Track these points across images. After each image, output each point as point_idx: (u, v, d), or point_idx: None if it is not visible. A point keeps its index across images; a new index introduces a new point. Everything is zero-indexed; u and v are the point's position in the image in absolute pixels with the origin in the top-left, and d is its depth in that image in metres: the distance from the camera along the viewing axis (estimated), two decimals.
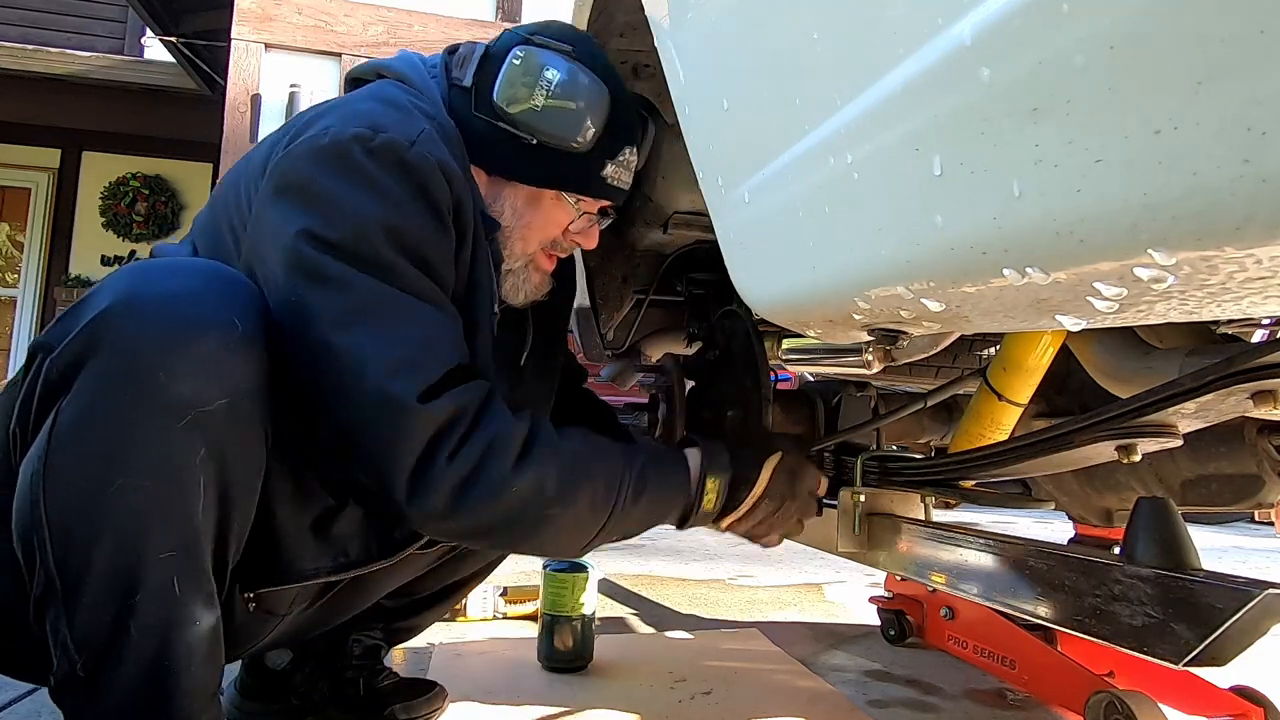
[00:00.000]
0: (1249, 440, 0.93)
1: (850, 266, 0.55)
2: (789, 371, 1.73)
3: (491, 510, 0.80)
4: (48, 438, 0.67)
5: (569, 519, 0.85)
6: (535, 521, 0.83)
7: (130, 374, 0.68)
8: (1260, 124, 0.28)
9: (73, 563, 0.67)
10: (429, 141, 0.85)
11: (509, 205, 0.99)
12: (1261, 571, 3.23)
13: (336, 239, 0.78)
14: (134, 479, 0.67)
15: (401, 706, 1.19)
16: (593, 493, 0.86)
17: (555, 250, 1.05)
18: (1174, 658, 0.63)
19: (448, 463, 0.77)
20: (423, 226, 0.82)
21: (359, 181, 0.80)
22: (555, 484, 0.83)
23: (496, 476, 0.80)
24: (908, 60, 0.43)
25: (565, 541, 0.88)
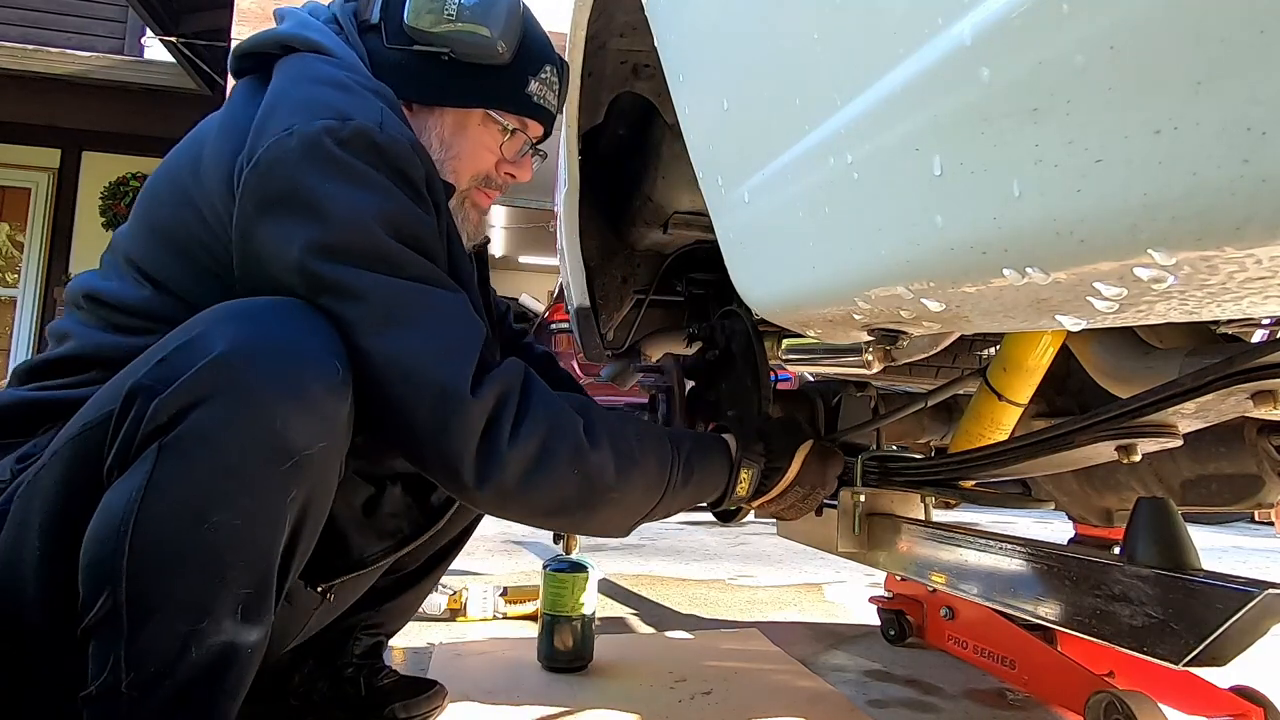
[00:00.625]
0: (1249, 440, 0.93)
1: (850, 266, 0.55)
2: (789, 371, 1.73)
3: (558, 490, 0.83)
4: (150, 472, 0.68)
5: (628, 500, 0.89)
6: (598, 502, 0.86)
7: (245, 420, 0.69)
8: (1260, 124, 0.28)
9: (150, 590, 0.67)
10: (393, 122, 0.84)
11: (435, 136, 0.98)
12: (1261, 571, 3.24)
13: (341, 244, 0.77)
14: (229, 518, 0.69)
15: (401, 705, 1.19)
16: (646, 475, 0.89)
17: (489, 186, 1.05)
18: (1174, 658, 0.63)
19: (509, 444, 0.80)
20: (409, 210, 0.82)
21: (342, 176, 0.78)
22: (614, 466, 0.86)
23: (562, 457, 0.82)
24: (908, 60, 0.43)
25: (621, 521, 0.92)
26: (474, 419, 0.78)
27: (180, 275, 0.85)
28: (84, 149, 6.56)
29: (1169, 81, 0.30)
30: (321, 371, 0.73)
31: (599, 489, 0.86)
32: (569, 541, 1.56)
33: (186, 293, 0.84)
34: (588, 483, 0.85)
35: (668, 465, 0.92)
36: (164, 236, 0.86)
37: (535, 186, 4.69)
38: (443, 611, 1.86)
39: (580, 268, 1.54)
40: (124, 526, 0.67)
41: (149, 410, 0.68)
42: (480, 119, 1.00)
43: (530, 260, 10.32)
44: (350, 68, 0.90)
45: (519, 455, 0.80)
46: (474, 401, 0.78)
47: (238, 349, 0.70)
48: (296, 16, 0.95)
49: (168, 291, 0.85)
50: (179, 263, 0.85)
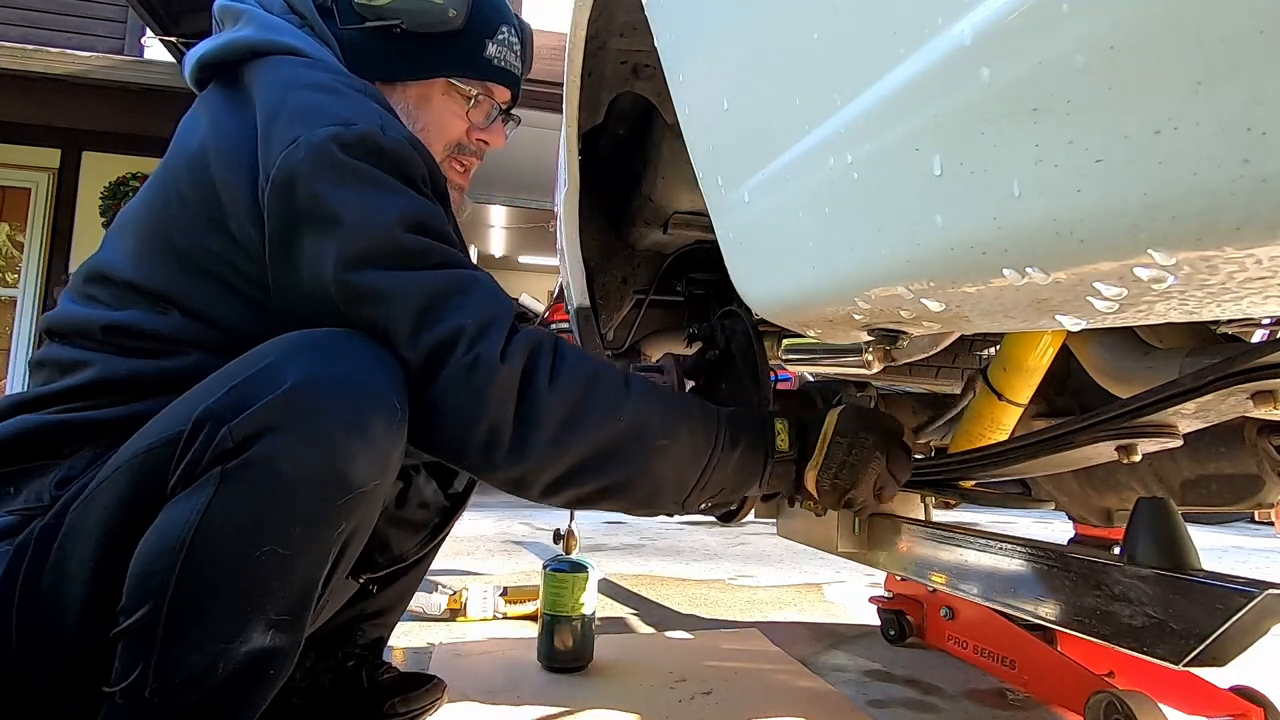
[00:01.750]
0: (1249, 440, 0.93)
1: (850, 266, 0.55)
2: (789, 371, 1.73)
3: (605, 437, 0.79)
4: (211, 495, 0.68)
5: (677, 453, 0.82)
6: (648, 452, 0.81)
7: (309, 455, 0.70)
8: (1260, 124, 0.28)
9: (190, 608, 0.68)
10: (392, 123, 0.84)
11: (401, 111, 0.97)
12: (1261, 571, 3.24)
13: (365, 251, 0.77)
14: (279, 548, 0.70)
15: (401, 699, 1.20)
16: (693, 428, 0.84)
17: (462, 155, 1.04)
18: (1174, 658, 0.63)
19: (549, 390, 0.77)
20: (421, 205, 0.82)
21: (356, 183, 0.79)
22: (661, 414, 0.82)
23: (606, 401, 0.79)
24: (908, 60, 0.43)
25: (674, 483, 0.84)
26: (508, 379, 0.76)
27: (206, 297, 0.85)
28: (84, 149, 6.56)
29: (1169, 81, 0.30)
30: (385, 411, 0.74)
31: (647, 436, 0.81)
32: (569, 541, 1.56)
33: (212, 312, 0.85)
34: (635, 430, 0.80)
35: (714, 422, 0.86)
36: (184, 260, 0.85)
37: (535, 186, 4.73)
38: (443, 611, 1.86)
39: (580, 268, 1.54)
40: (179, 544, 0.67)
41: (217, 436, 0.69)
42: (442, 89, 1.00)
43: (530, 260, 10.32)
44: (330, 69, 0.89)
45: (560, 401, 0.78)
46: (505, 365, 0.76)
47: (307, 382, 0.71)
48: (256, 17, 0.93)
49: (194, 315, 0.85)
50: (204, 285, 0.85)
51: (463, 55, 0.99)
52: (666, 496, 0.84)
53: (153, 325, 0.85)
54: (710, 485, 0.86)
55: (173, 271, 0.86)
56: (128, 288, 0.87)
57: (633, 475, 0.82)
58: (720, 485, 0.87)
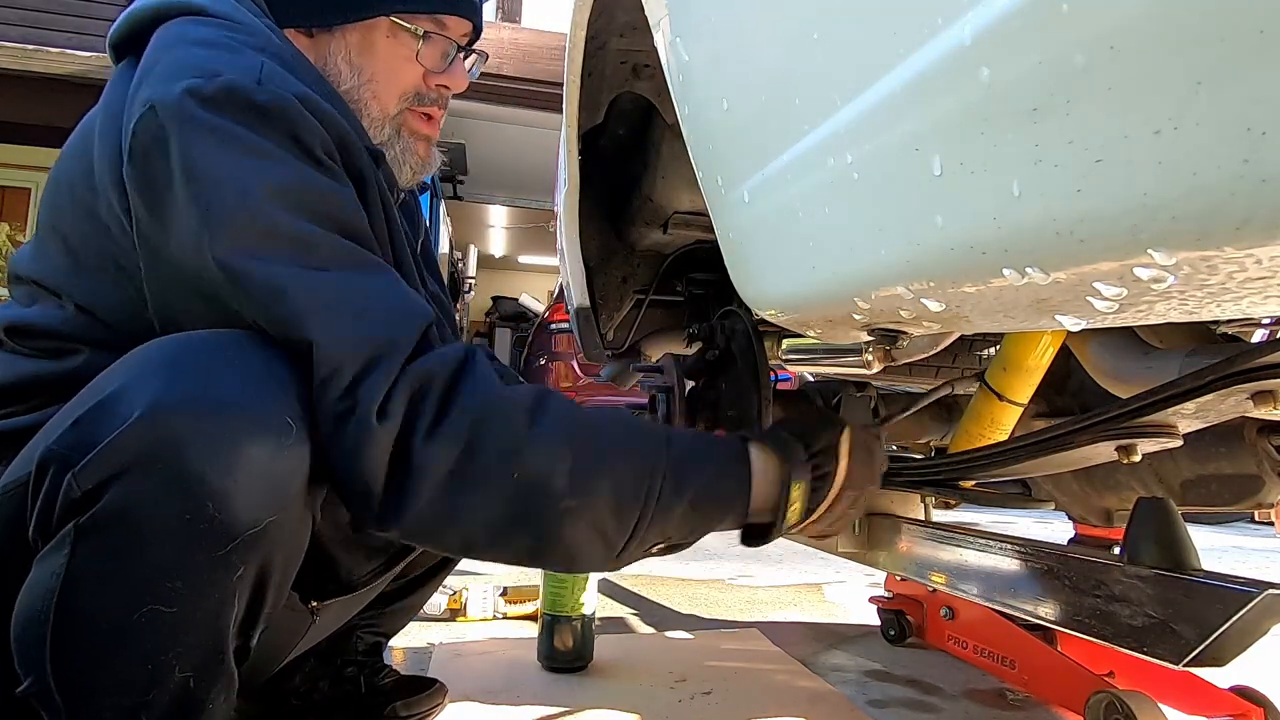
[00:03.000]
0: (1249, 440, 0.93)
1: (850, 266, 0.55)
2: (789, 371, 1.73)
3: (493, 501, 0.66)
4: (68, 556, 0.58)
5: (590, 515, 0.69)
6: (549, 517, 0.68)
7: (172, 500, 0.58)
8: (1260, 124, 0.28)
9: (80, 678, 0.59)
10: (276, 75, 0.71)
11: (343, 62, 0.86)
12: (1261, 571, 3.23)
13: (228, 235, 0.65)
14: (165, 606, 0.60)
15: (402, 704, 1.19)
16: (616, 481, 0.69)
17: (423, 105, 0.92)
18: (1174, 658, 0.63)
19: (423, 448, 0.64)
20: (308, 177, 0.69)
21: (217, 145, 0.66)
22: (569, 466, 0.68)
23: (492, 454, 0.66)
24: (908, 60, 0.43)
25: (590, 547, 0.70)
26: (383, 439, 0.63)
27: (91, 289, 0.76)
28: None
29: (1169, 81, 0.30)
30: (269, 431, 0.62)
31: (546, 496, 0.67)
32: None
33: (97, 306, 0.76)
34: (530, 489, 0.66)
35: (649, 470, 0.71)
36: (74, 253, 0.77)
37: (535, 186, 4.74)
38: (443, 611, 1.86)
39: (580, 268, 1.54)
40: (44, 614, 0.58)
41: (62, 485, 0.58)
42: (387, 29, 0.87)
43: (530, 260, 10.33)
44: (229, 25, 0.77)
45: (436, 461, 0.64)
46: (380, 426, 0.63)
47: (160, 409, 0.59)
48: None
49: (81, 309, 0.76)
50: (90, 276, 0.76)
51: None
52: (589, 561, 0.72)
53: (49, 321, 0.76)
54: (647, 539, 0.72)
55: (64, 262, 0.77)
56: (30, 283, 0.79)
57: (540, 550, 0.70)
58: (663, 535, 0.74)
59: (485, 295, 9.66)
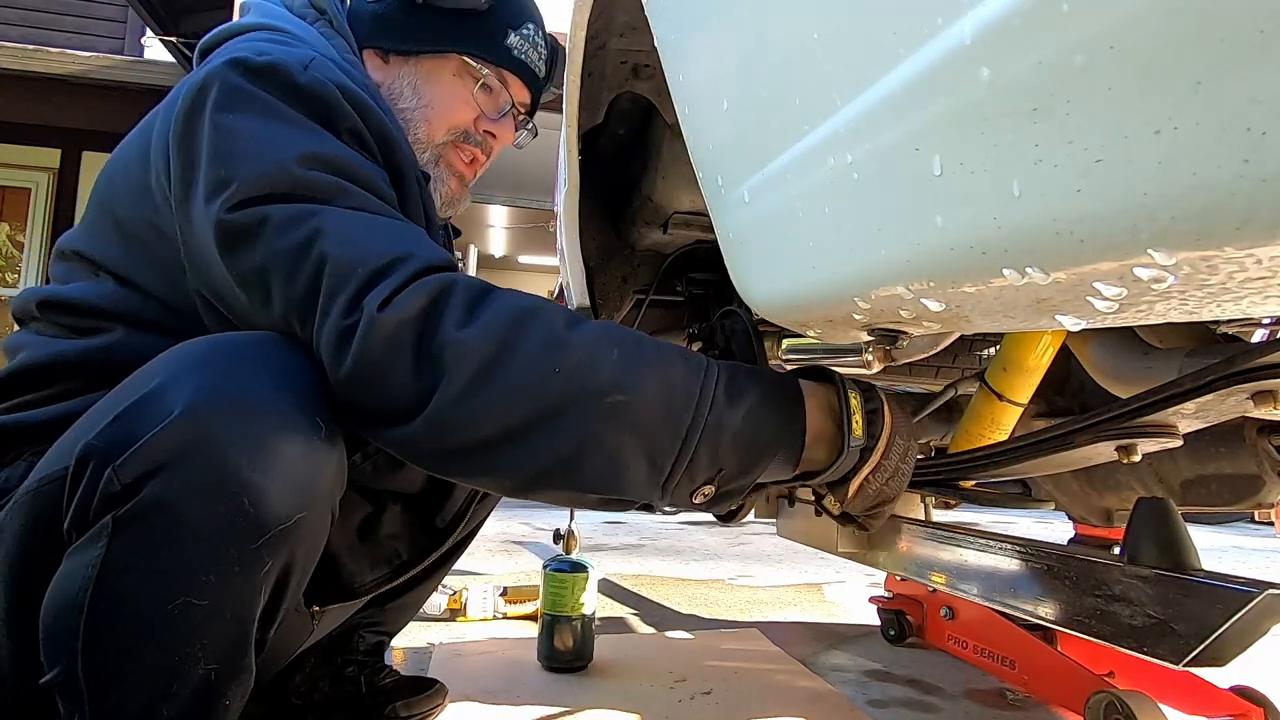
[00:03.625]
0: (1249, 440, 0.93)
1: (850, 266, 0.55)
2: None
3: (531, 393, 0.61)
4: (105, 547, 0.60)
5: (640, 414, 0.63)
6: (592, 411, 0.62)
7: (209, 496, 0.61)
8: (1260, 124, 0.28)
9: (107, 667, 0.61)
10: (324, 65, 0.75)
11: (408, 85, 0.93)
12: (1261, 571, 3.24)
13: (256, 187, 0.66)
14: (196, 599, 0.62)
15: (403, 704, 1.19)
16: (666, 378, 0.64)
17: (469, 144, 0.98)
18: (1174, 658, 0.63)
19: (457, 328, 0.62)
20: (342, 150, 0.71)
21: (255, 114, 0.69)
22: (615, 358, 0.63)
23: (540, 336, 0.63)
24: (908, 60, 0.43)
25: (633, 460, 0.64)
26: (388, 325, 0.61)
27: (136, 263, 0.78)
28: (84, 149, 6.56)
29: (1169, 81, 0.30)
30: (299, 431, 0.63)
31: (592, 388, 0.62)
32: (569, 541, 1.56)
33: (139, 278, 0.78)
34: (577, 381, 0.62)
35: (699, 373, 0.66)
36: (122, 226, 0.80)
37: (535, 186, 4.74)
38: (443, 611, 1.86)
39: (580, 268, 1.54)
40: (78, 604, 0.60)
41: (103, 477, 0.60)
42: (455, 68, 0.95)
43: (530, 260, 10.32)
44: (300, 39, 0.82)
45: (468, 348, 0.61)
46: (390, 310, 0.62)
47: (200, 407, 0.61)
48: (260, 7, 0.89)
49: (123, 280, 0.78)
50: (136, 250, 0.78)
51: (481, 35, 0.94)
52: (633, 477, 0.65)
53: (84, 295, 0.78)
54: (701, 460, 0.65)
55: (112, 238, 0.80)
56: (73, 257, 0.82)
57: (582, 447, 0.63)
58: (717, 462, 0.66)
59: None
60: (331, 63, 0.78)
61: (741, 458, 0.67)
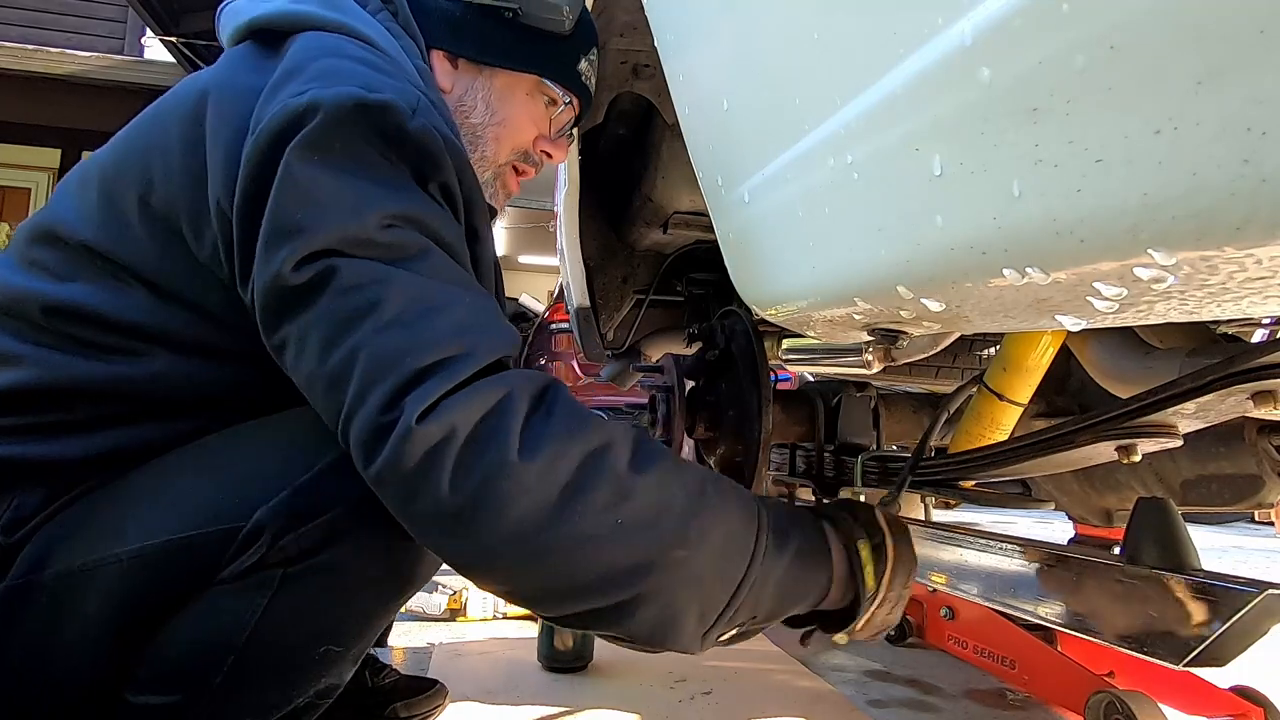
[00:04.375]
0: (1249, 440, 0.93)
1: (850, 266, 0.55)
2: (789, 371, 1.73)
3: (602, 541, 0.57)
4: (271, 596, 0.66)
5: (699, 565, 0.60)
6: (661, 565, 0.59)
7: (378, 564, 0.69)
8: (1260, 124, 0.28)
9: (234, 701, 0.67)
10: (429, 110, 0.70)
11: (482, 99, 0.90)
12: (1261, 571, 3.23)
13: (326, 243, 0.61)
14: (336, 645, 0.70)
15: (403, 704, 1.20)
16: (727, 529, 0.62)
17: (525, 163, 0.98)
18: (1174, 658, 0.63)
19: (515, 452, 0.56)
20: (428, 210, 0.67)
21: (353, 162, 0.64)
22: (680, 506, 0.60)
23: (607, 481, 0.58)
24: (908, 60, 0.43)
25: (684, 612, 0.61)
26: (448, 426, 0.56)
27: (181, 272, 0.69)
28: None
29: (1169, 81, 0.30)
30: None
31: (655, 544, 0.59)
32: None
33: (187, 291, 0.69)
34: (638, 535, 0.58)
35: (754, 516, 0.65)
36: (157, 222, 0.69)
37: (535, 186, 4.71)
38: (443, 611, 1.86)
39: (580, 268, 1.54)
40: (230, 642, 0.66)
41: (282, 541, 0.65)
42: (530, 88, 0.93)
43: (530, 260, 10.32)
44: (388, 56, 0.76)
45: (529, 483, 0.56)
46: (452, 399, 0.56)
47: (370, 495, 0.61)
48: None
49: (163, 293, 0.69)
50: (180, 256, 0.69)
51: (562, 60, 0.93)
52: (682, 627, 0.62)
53: (108, 306, 0.68)
54: (744, 610, 0.64)
55: (142, 235, 0.69)
56: (82, 250, 0.70)
57: (637, 598, 0.59)
58: (755, 610, 0.65)
59: None
60: (435, 102, 0.73)
61: (775, 607, 0.68)
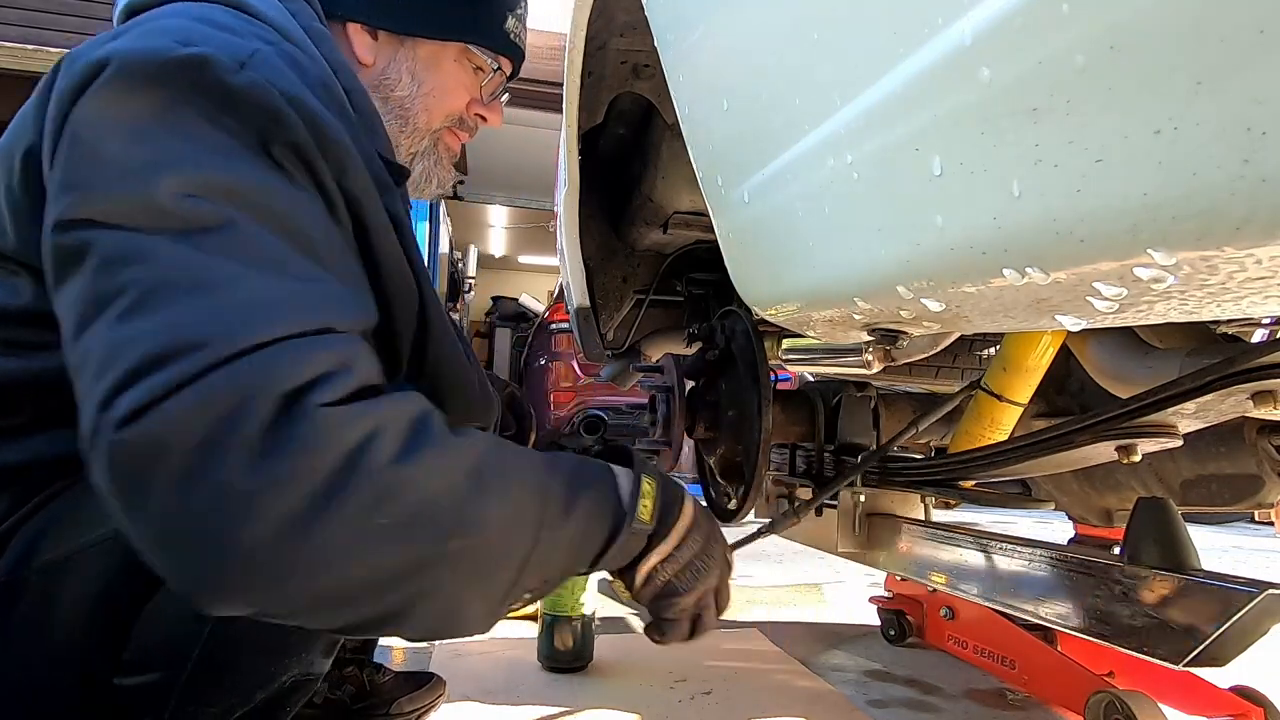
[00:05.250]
0: (1249, 440, 0.93)
1: (850, 266, 0.55)
2: (789, 371, 1.73)
3: (363, 550, 0.51)
4: None
5: (480, 553, 0.56)
6: (434, 560, 0.54)
7: None
8: (1260, 124, 0.28)
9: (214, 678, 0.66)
10: (266, 65, 0.59)
11: (406, 70, 0.87)
12: (1261, 571, 3.23)
13: (104, 207, 0.53)
14: None
15: (407, 698, 1.20)
16: (517, 506, 0.59)
17: (461, 128, 0.96)
18: (1174, 658, 0.63)
19: (240, 469, 0.47)
20: (251, 177, 0.56)
21: (154, 117, 0.55)
22: (461, 490, 0.55)
23: (368, 482, 0.50)
24: (908, 60, 0.43)
25: (476, 599, 0.57)
26: (154, 435, 0.46)
27: None
28: None
29: (1169, 81, 0.30)
30: None
31: (429, 539, 0.53)
32: None
33: None
34: (408, 534, 0.52)
35: (539, 484, 0.61)
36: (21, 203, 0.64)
37: (535, 186, 4.73)
38: None
39: (580, 268, 1.54)
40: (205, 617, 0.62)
41: None
42: (456, 54, 0.91)
43: (530, 260, 10.32)
44: (264, 22, 0.67)
45: (265, 501, 0.47)
46: (169, 403, 0.47)
47: None
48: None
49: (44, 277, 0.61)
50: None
51: (487, 24, 0.90)
52: (469, 616, 0.58)
53: (8, 300, 0.64)
54: (533, 580, 0.61)
55: (10, 220, 0.64)
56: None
57: (410, 600, 0.54)
58: (545, 574, 0.62)
59: (485, 295, 9.65)
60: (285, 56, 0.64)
61: (569, 565, 0.65)
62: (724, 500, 1.19)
